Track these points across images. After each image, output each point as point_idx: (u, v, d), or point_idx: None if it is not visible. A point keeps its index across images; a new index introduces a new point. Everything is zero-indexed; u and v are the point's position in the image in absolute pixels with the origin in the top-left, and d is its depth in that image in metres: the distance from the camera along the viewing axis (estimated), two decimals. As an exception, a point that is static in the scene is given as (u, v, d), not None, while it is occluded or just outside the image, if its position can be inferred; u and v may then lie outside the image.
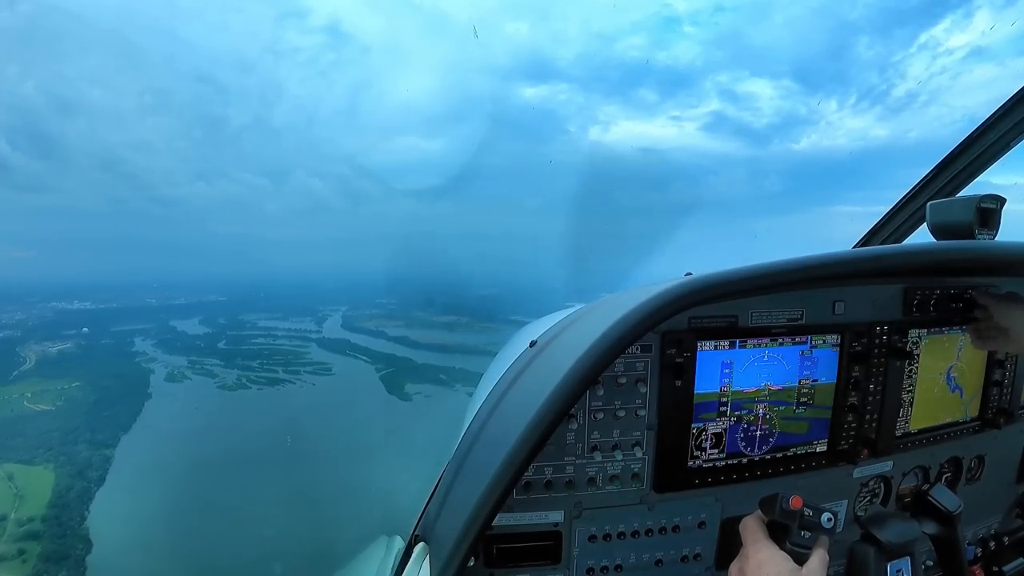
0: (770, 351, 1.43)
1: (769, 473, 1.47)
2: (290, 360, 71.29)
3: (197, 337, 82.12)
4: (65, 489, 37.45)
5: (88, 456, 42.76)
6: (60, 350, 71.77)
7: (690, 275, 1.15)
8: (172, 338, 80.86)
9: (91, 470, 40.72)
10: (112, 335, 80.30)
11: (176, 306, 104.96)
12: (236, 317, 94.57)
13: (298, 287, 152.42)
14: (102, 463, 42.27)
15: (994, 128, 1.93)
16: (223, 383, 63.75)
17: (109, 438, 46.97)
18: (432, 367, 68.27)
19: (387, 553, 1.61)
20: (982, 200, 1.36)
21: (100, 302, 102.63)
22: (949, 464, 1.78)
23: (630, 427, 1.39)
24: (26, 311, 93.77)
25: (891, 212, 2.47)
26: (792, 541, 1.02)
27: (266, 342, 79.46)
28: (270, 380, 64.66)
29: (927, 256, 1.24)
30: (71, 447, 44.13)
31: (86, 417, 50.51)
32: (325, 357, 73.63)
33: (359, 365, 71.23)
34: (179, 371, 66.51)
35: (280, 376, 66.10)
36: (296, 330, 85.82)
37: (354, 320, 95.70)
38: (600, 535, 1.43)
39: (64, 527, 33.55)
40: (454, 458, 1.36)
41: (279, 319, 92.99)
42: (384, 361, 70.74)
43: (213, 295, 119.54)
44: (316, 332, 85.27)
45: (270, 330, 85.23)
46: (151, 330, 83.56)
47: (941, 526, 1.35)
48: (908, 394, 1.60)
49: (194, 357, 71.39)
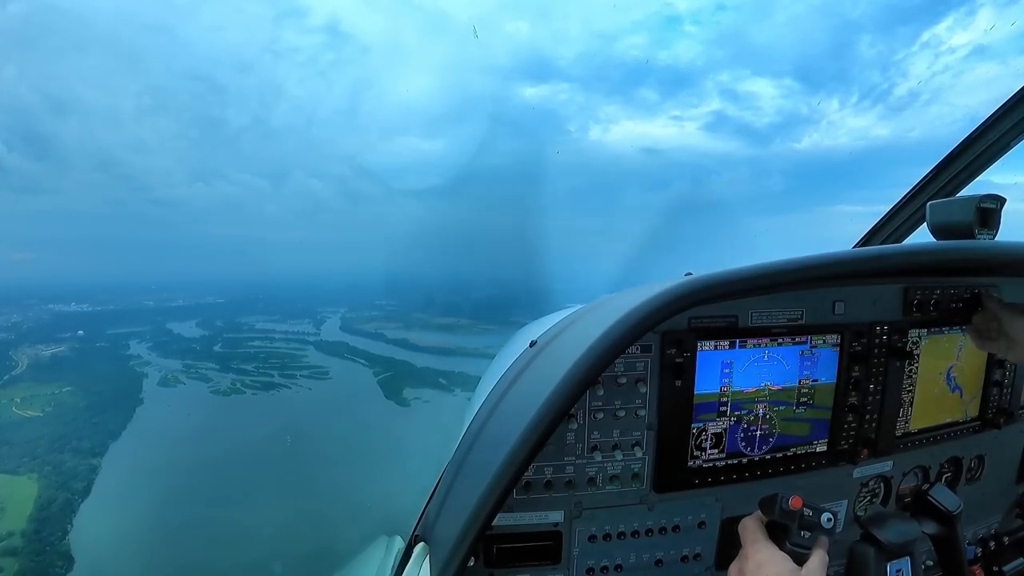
0: (770, 351, 1.44)
1: (769, 473, 1.48)
2: (286, 364, 70.99)
3: (193, 340, 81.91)
4: (48, 501, 36.09)
5: (73, 465, 41.61)
6: (53, 353, 71.43)
7: (690, 275, 1.15)
8: (168, 341, 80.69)
9: (76, 480, 39.53)
10: (107, 338, 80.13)
11: (174, 308, 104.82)
12: (234, 319, 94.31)
13: (297, 288, 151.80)
14: (87, 473, 41.26)
15: (994, 128, 1.93)
16: (217, 388, 63.24)
17: (97, 445, 46.01)
18: (431, 371, 67.76)
19: (387, 553, 1.62)
20: (982, 200, 1.36)
21: (97, 304, 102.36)
22: (949, 464, 1.78)
23: (630, 427, 1.40)
24: (22, 313, 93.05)
25: (891, 212, 2.49)
26: (792, 541, 1.03)
27: (263, 345, 79.22)
28: (265, 385, 64.10)
29: (927, 256, 1.24)
30: (57, 455, 43.04)
31: (74, 424, 49.62)
32: (322, 361, 73.24)
33: (357, 369, 70.77)
34: (173, 375, 66.03)
35: (276, 380, 65.62)
36: (294, 332, 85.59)
37: (353, 322, 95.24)
38: (600, 535, 1.44)
39: (44, 543, 32.47)
40: (454, 458, 1.36)
41: (277, 321, 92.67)
42: (382, 364, 70.32)
43: (211, 297, 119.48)
44: (314, 335, 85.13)
45: (267, 332, 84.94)
46: (147, 333, 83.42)
47: (941, 526, 1.36)
48: (908, 394, 1.61)
49: (189, 361, 71.11)
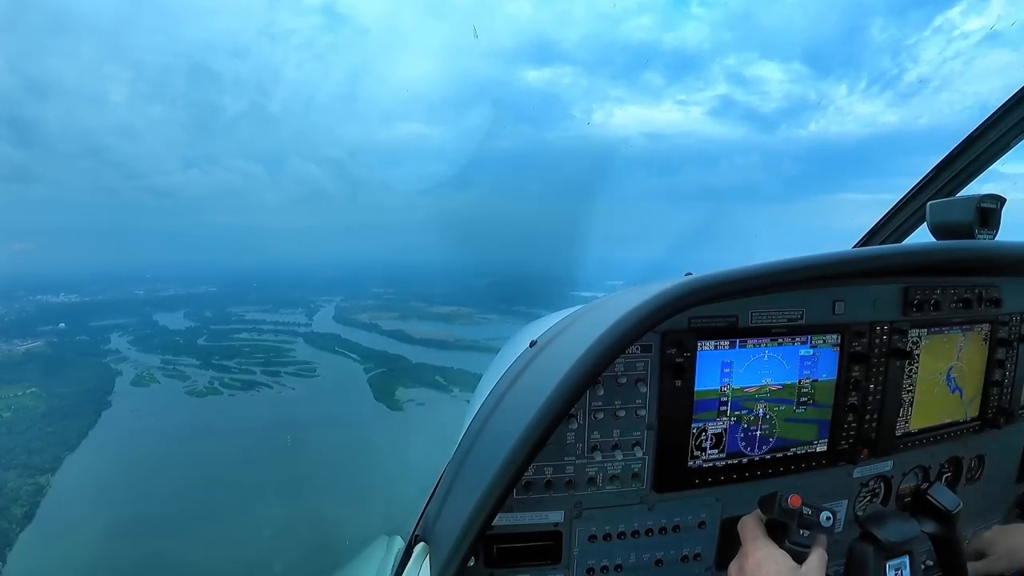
0: (770, 351, 1.45)
1: (769, 473, 1.49)
2: (271, 359, 67.70)
3: (178, 333, 79.15)
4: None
5: (17, 486, 36.70)
6: (27, 350, 70.21)
7: (690, 275, 1.16)
8: (151, 334, 77.91)
9: (16, 505, 34.61)
10: (89, 331, 77.40)
11: (164, 298, 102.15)
12: (224, 309, 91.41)
13: (293, 276, 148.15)
14: (32, 495, 36.03)
15: (995, 127, 1.94)
16: (192, 388, 59.68)
17: (49, 460, 41.46)
18: (427, 367, 61.72)
19: (387, 553, 1.62)
20: (982, 200, 1.38)
21: (87, 295, 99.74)
22: (949, 464, 1.79)
23: (630, 427, 1.41)
24: (7, 305, 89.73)
25: (891, 212, 2.49)
26: (791, 540, 1.05)
27: (249, 338, 77.04)
28: (245, 384, 59.86)
29: (927, 256, 1.28)
30: (1, 473, 38.54)
31: (28, 434, 45.08)
32: (311, 355, 69.78)
33: (347, 365, 65.52)
34: (149, 373, 62.88)
35: (257, 379, 61.52)
36: (284, 323, 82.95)
37: (348, 312, 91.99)
38: (600, 535, 1.45)
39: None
40: (454, 458, 1.38)
41: (269, 311, 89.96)
42: (375, 360, 64.63)
43: (205, 286, 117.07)
44: (305, 326, 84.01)
45: (257, 324, 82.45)
46: (131, 325, 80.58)
47: (940, 525, 1.36)
48: (908, 394, 1.62)
49: (169, 356, 67.98)
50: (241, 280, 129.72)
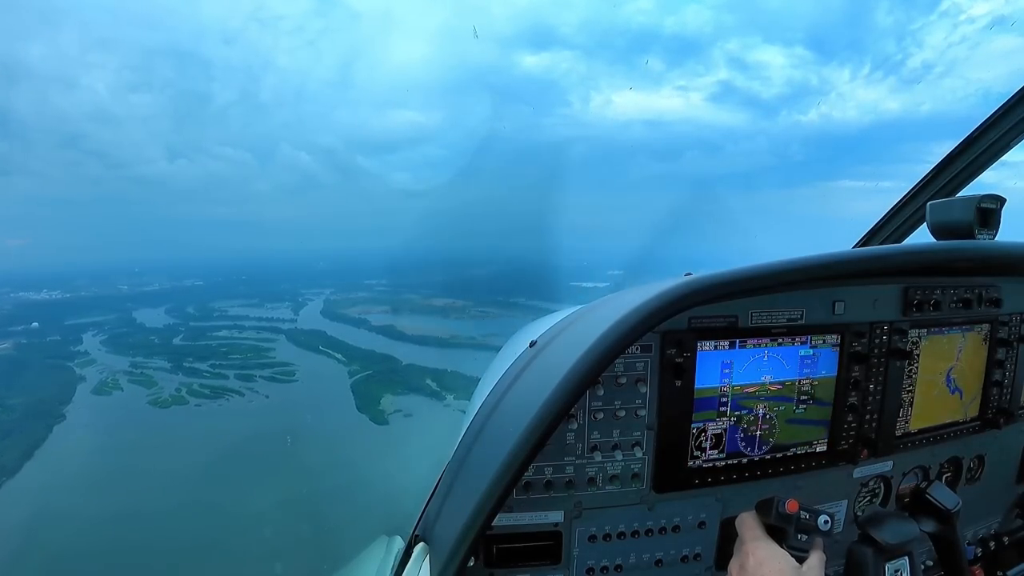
0: (770, 351, 1.47)
1: (769, 473, 1.51)
2: (248, 361, 63.75)
3: (154, 331, 75.56)
4: None
5: None
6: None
7: (690, 275, 1.18)
8: (126, 333, 74.49)
9: None
10: (63, 330, 73.74)
11: (148, 293, 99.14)
12: (207, 304, 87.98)
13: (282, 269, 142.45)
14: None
15: (994, 127, 1.95)
16: (156, 397, 54.64)
17: None
18: (418, 369, 55.53)
19: (387, 553, 1.63)
20: (982, 200, 1.39)
21: (69, 291, 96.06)
22: (949, 464, 1.82)
23: (630, 427, 1.43)
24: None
25: (891, 212, 2.51)
26: (789, 544, 1.06)
27: (228, 336, 74.09)
28: (215, 391, 55.20)
29: (927, 256, 1.28)
30: None
31: None
32: (292, 355, 66.15)
33: (329, 367, 60.37)
34: (113, 379, 58.22)
35: (229, 385, 56.07)
36: (268, 319, 79.60)
37: (337, 305, 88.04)
38: (600, 535, 1.47)
39: None
40: (454, 458, 1.39)
41: (254, 305, 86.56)
42: (361, 361, 59.32)
43: (191, 280, 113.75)
44: (290, 321, 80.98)
45: (239, 320, 78.87)
46: (108, 323, 77.08)
47: (940, 524, 1.38)
48: (908, 394, 1.64)
49: (140, 358, 64.08)
50: (229, 273, 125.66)
